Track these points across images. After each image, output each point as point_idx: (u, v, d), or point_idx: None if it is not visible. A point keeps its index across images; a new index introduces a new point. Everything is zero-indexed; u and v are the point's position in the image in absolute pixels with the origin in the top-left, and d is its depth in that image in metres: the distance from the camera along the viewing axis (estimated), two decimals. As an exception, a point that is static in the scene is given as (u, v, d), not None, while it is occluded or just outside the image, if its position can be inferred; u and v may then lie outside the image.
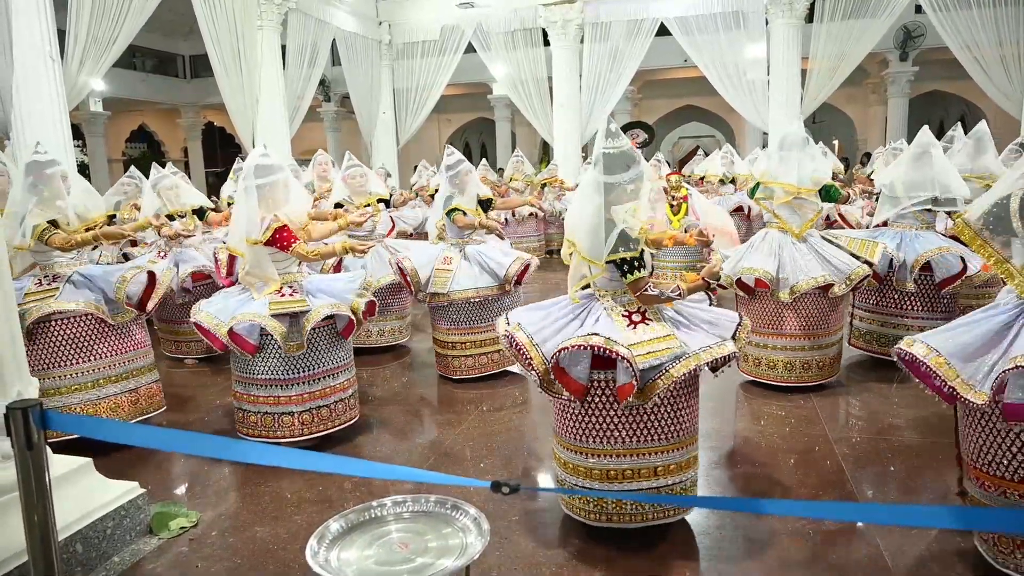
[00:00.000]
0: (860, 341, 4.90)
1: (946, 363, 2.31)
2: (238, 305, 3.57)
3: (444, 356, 4.82)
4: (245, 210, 3.59)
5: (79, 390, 3.74)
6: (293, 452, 2.61)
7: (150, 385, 4.06)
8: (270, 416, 3.64)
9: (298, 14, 11.94)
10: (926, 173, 4.48)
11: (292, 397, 3.61)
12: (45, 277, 3.79)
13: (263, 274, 3.60)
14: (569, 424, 2.71)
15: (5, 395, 2.44)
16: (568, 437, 2.73)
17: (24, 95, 6.62)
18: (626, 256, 2.61)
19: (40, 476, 1.80)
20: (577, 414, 2.67)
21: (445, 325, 4.72)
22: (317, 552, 1.98)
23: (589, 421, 2.64)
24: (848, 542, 2.67)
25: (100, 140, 17.12)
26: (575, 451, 2.71)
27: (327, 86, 17.12)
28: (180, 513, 2.98)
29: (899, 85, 15.86)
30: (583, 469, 2.70)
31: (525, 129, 19.29)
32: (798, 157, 4.23)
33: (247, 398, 3.69)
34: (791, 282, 4.12)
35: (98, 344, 3.80)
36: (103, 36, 8.00)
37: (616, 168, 2.65)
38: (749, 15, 12.41)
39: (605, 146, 2.67)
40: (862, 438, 3.69)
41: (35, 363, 3.65)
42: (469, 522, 2.08)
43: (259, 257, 3.58)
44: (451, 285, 4.59)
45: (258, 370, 3.60)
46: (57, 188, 3.77)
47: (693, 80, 15.61)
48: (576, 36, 13.40)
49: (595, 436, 2.64)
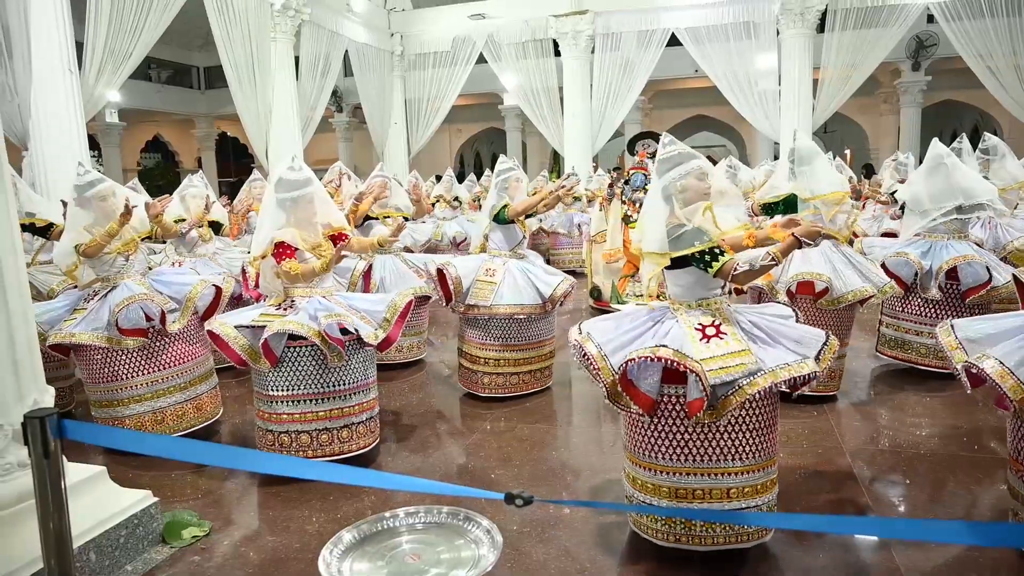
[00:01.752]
0: (887, 348, 4.86)
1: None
2: (237, 314, 3.56)
3: (473, 372, 4.58)
4: (267, 222, 3.53)
5: (135, 402, 3.81)
6: (304, 463, 2.62)
7: (201, 396, 4.06)
8: (287, 435, 3.48)
9: (311, 26, 12.07)
10: (946, 183, 4.46)
11: (283, 416, 3.45)
12: (90, 292, 3.84)
13: (270, 287, 3.60)
14: (638, 439, 2.64)
15: (22, 404, 2.46)
16: (637, 452, 2.66)
17: (42, 106, 6.71)
18: (703, 248, 2.55)
19: (56, 484, 1.82)
20: (646, 429, 2.59)
21: (479, 339, 4.51)
22: (329, 563, 1.98)
23: (659, 436, 2.56)
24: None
25: (115, 150, 17.32)
26: (644, 467, 2.63)
27: (339, 97, 17.26)
28: (192, 522, 2.99)
29: (911, 95, 15.79)
30: (651, 486, 2.61)
31: (536, 139, 19.35)
32: (821, 165, 4.23)
33: (262, 415, 3.57)
34: (837, 292, 4.10)
35: (121, 365, 3.81)
36: (120, 48, 8.12)
37: (670, 165, 2.66)
38: (760, 25, 12.42)
39: (662, 154, 2.70)
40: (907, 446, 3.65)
41: (90, 376, 3.80)
42: (481, 534, 2.08)
43: (266, 271, 3.55)
44: (493, 299, 4.36)
45: (270, 384, 3.49)
46: (99, 209, 3.78)
47: (704, 90, 15.62)
48: (587, 47, 13.45)
49: (665, 452, 2.55)
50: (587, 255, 8.16)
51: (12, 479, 2.43)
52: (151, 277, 4.04)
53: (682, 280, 2.66)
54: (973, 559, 2.58)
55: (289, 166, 3.55)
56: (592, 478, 3.44)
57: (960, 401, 4.16)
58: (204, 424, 4.05)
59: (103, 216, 3.78)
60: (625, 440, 2.76)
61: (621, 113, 13.69)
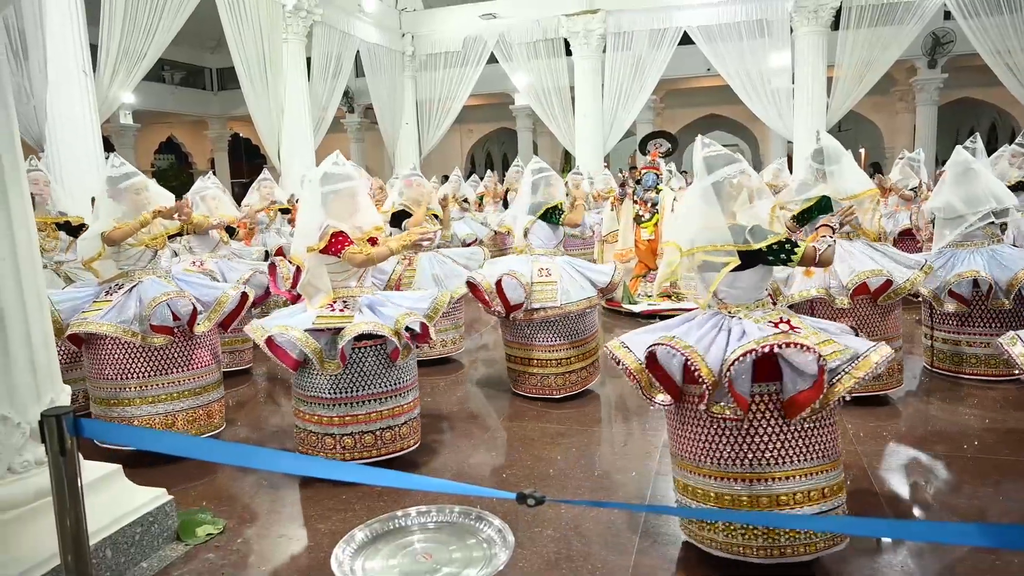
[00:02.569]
0: (945, 363, 4.73)
1: None
2: (288, 318, 3.44)
3: (543, 375, 4.44)
4: (308, 218, 3.46)
5: (129, 404, 3.72)
6: (316, 461, 2.63)
7: (211, 404, 3.97)
8: (314, 435, 3.45)
9: (323, 26, 12.12)
10: (977, 187, 4.44)
11: (333, 419, 3.39)
12: (115, 285, 3.76)
13: (317, 285, 3.46)
14: (692, 443, 2.54)
15: (39, 403, 2.48)
16: (691, 458, 2.56)
17: (58, 108, 6.78)
18: (780, 239, 2.51)
19: (73, 482, 1.83)
20: (704, 432, 2.49)
21: (547, 341, 4.38)
22: (342, 561, 1.98)
23: (717, 440, 2.46)
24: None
25: (130, 152, 17.46)
26: (700, 473, 2.54)
27: (351, 97, 17.32)
28: (206, 520, 3.01)
29: (928, 93, 15.64)
30: (704, 492, 2.52)
31: (547, 139, 19.34)
32: (849, 163, 4.20)
33: (299, 414, 3.52)
34: (897, 283, 4.06)
35: (139, 364, 3.74)
36: (134, 50, 8.19)
37: (721, 163, 2.62)
38: (773, 23, 12.34)
39: (708, 153, 2.65)
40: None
41: (97, 371, 3.74)
42: (493, 533, 2.07)
43: (315, 267, 3.44)
44: (561, 297, 4.29)
45: (305, 386, 3.45)
46: (131, 202, 3.76)
47: (716, 89, 15.54)
48: (598, 46, 13.42)
49: (723, 456, 2.46)
50: (599, 255, 8.15)
51: (30, 476, 2.45)
52: (176, 277, 4.00)
53: (745, 281, 2.58)
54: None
55: (334, 161, 3.51)
56: (606, 478, 3.43)
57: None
58: (214, 432, 3.98)
59: (134, 209, 3.75)
60: (674, 447, 2.67)
61: (633, 113, 13.65)
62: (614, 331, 6.44)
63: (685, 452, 2.58)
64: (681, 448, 2.61)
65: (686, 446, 2.57)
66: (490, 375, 5.22)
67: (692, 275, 2.66)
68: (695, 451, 2.52)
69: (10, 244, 2.41)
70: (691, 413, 2.53)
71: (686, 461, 2.58)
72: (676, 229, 2.73)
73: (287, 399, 5.02)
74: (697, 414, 2.49)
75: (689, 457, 2.56)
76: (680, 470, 2.64)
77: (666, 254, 2.72)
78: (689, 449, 2.55)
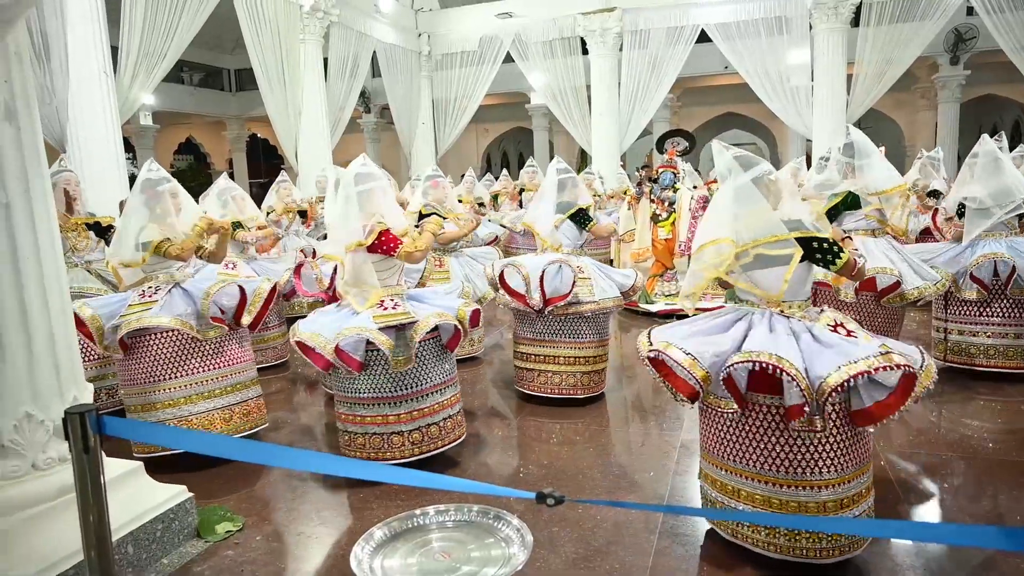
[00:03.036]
0: (959, 356, 4.66)
1: None
2: (340, 321, 3.38)
3: (568, 374, 4.41)
4: (344, 218, 3.44)
5: (171, 405, 3.67)
6: (334, 459, 2.64)
7: (248, 401, 3.94)
8: (378, 436, 3.43)
9: (340, 27, 12.18)
10: (1005, 179, 4.38)
11: (401, 416, 3.41)
12: (149, 288, 3.76)
13: (364, 283, 3.44)
14: (727, 444, 2.56)
15: (62, 400, 2.51)
16: (724, 456, 2.58)
17: (79, 109, 6.86)
18: (826, 237, 2.48)
19: (96, 478, 1.85)
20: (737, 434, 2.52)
21: (580, 338, 4.37)
22: (361, 560, 1.99)
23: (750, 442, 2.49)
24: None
25: (150, 152, 17.65)
26: (731, 471, 2.57)
27: (367, 97, 17.40)
28: (226, 517, 3.03)
29: (950, 90, 15.41)
30: (736, 490, 2.55)
31: (563, 138, 19.31)
32: (878, 159, 4.15)
33: (353, 419, 3.48)
34: (907, 287, 4.03)
35: (189, 360, 3.74)
36: (154, 51, 8.28)
37: (753, 160, 2.59)
38: (792, 20, 12.22)
39: (735, 152, 2.62)
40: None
41: (133, 378, 3.71)
42: (512, 532, 2.07)
43: (360, 265, 3.43)
44: (597, 293, 4.31)
45: (363, 389, 3.41)
46: (167, 206, 3.79)
47: (734, 87, 15.44)
48: (615, 44, 13.37)
49: (755, 459, 2.47)
50: (615, 254, 8.12)
51: (53, 473, 2.48)
52: (181, 284, 3.93)
53: (794, 277, 2.53)
54: None
55: (362, 163, 3.54)
56: (624, 477, 3.41)
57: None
58: (252, 431, 3.94)
59: (165, 213, 3.77)
60: (715, 445, 2.66)
61: (649, 111, 13.59)
62: (630, 331, 6.42)
63: (733, 455, 2.55)
64: (729, 451, 2.57)
65: (738, 450, 2.53)
66: (506, 375, 5.21)
67: (736, 273, 2.60)
68: (745, 455, 2.51)
69: (33, 244, 2.45)
70: (753, 418, 2.48)
71: (736, 464, 2.55)
72: (717, 227, 2.61)
73: (308, 395, 5.06)
74: (756, 420, 2.46)
75: (738, 460, 2.53)
76: (719, 470, 2.63)
77: (710, 253, 2.59)
78: (739, 453, 2.53)
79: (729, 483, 2.58)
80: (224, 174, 6.53)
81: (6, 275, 2.38)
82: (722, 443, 2.59)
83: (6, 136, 2.33)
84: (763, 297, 2.57)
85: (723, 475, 2.61)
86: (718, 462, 2.63)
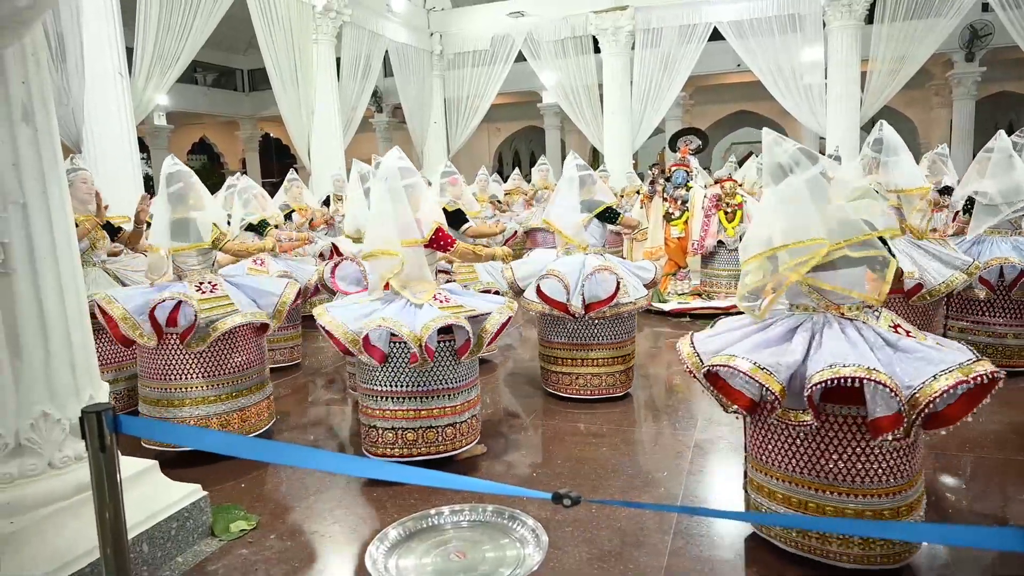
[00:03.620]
0: None
1: None
2: (405, 314, 3.31)
3: (624, 371, 4.46)
4: (394, 212, 3.38)
5: (203, 403, 3.71)
6: (349, 459, 2.64)
7: (262, 402, 3.98)
8: (391, 432, 3.41)
9: (352, 27, 12.21)
10: (1017, 177, 4.36)
11: (445, 408, 3.42)
12: (204, 283, 3.76)
13: (424, 279, 3.43)
14: (773, 451, 2.50)
15: (78, 399, 2.53)
16: (770, 463, 2.53)
17: (94, 110, 6.92)
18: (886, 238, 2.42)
19: (112, 477, 1.86)
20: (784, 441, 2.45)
21: (616, 338, 4.38)
22: (376, 559, 1.98)
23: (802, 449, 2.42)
24: None
25: (164, 152, 17.77)
26: (777, 477, 2.52)
27: (379, 97, 17.44)
28: (240, 516, 3.04)
29: (965, 87, 15.25)
30: (783, 496, 2.50)
31: (575, 137, 19.26)
32: (906, 157, 4.11)
33: (367, 412, 3.47)
34: (929, 285, 3.98)
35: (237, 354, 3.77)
36: (168, 52, 8.34)
37: (814, 154, 2.50)
38: (806, 17, 12.13)
39: (797, 146, 2.52)
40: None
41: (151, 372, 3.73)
42: (527, 533, 2.06)
43: (418, 260, 3.41)
44: (632, 293, 4.32)
45: (377, 380, 3.41)
46: (198, 197, 3.83)
47: (747, 85, 15.35)
48: (627, 43, 13.33)
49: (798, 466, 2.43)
50: (628, 253, 8.09)
51: (70, 472, 2.50)
52: (228, 278, 4.00)
53: (846, 275, 2.46)
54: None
55: (399, 156, 3.51)
56: (638, 477, 3.40)
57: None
58: (263, 429, 3.97)
59: (187, 208, 3.80)
60: (744, 438, 2.65)
61: (662, 110, 13.54)
62: (644, 329, 6.39)
63: (780, 462, 2.50)
64: (777, 458, 2.51)
65: (787, 457, 2.48)
66: (520, 375, 5.20)
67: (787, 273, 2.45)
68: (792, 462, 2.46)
69: (50, 244, 2.46)
70: (829, 430, 2.40)
71: (781, 471, 2.50)
72: (803, 225, 2.42)
73: (328, 393, 5.07)
74: (832, 431, 2.38)
75: (786, 467, 2.48)
76: (768, 477, 2.56)
77: (799, 253, 2.41)
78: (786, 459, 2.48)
79: (794, 496, 2.47)
80: (237, 173, 6.56)
81: (23, 275, 2.39)
82: (785, 455, 2.49)
83: (24, 137, 2.34)
84: (860, 298, 2.44)
85: (782, 485, 2.52)
86: (781, 474, 2.52)
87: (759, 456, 2.60)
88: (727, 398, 2.47)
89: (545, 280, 4.29)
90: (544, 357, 4.59)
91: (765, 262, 2.53)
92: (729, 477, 3.35)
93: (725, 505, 3.10)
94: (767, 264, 2.54)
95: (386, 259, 3.38)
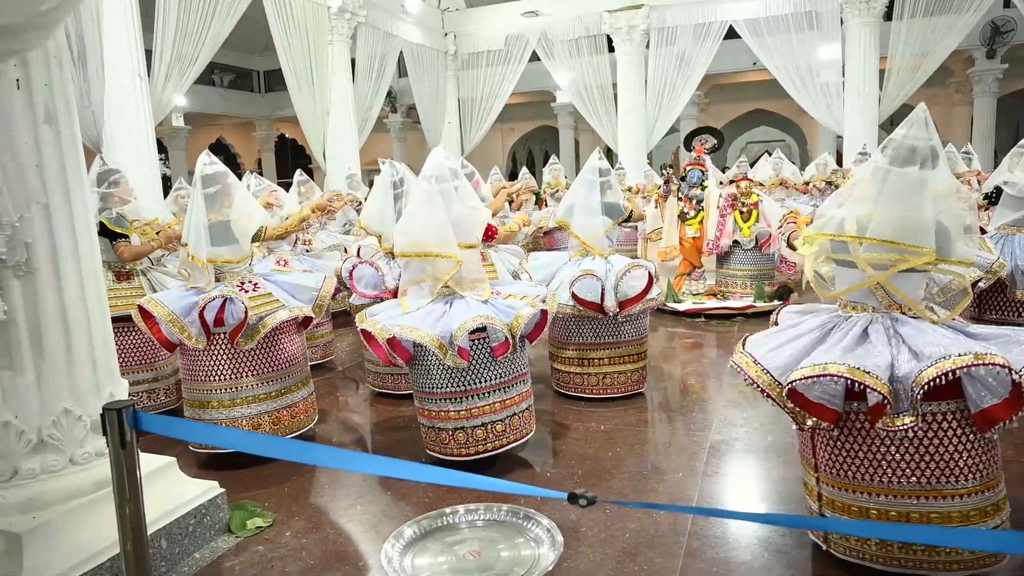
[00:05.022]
0: None
1: None
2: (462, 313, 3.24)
3: (618, 373, 4.44)
4: (449, 214, 3.30)
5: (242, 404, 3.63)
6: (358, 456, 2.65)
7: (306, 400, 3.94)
8: (462, 432, 3.35)
9: (367, 28, 12.27)
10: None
11: (495, 405, 3.38)
12: (245, 282, 3.70)
13: (481, 279, 3.41)
14: (839, 457, 2.37)
15: (99, 396, 2.56)
16: (834, 471, 2.40)
17: (114, 112, 7.00)
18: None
19: (132, 473, 1.88)
20: (852, 446, 2.33)
21: (640, 334, 4.46)
22: (391, 558, 2.00)
23: (870, 454, 2.31)
24: None
25: (181, 153, 17.97)
26: (842, 487, 2.39)
27: (394, 97, 17.51)
28: (256, 513, 3.06)
29: (986, 84, 15.04)
30: (848, 506, 2.38)
31: (588, 136, 19.23)
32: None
33: (428, 415, 3.43)
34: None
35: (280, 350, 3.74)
36: (186, 54, 8.44)
37: (914, 159, 2.34)
38: (823, 14, 12.03)
39: (918, 135, 2.39)
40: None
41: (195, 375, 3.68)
42: (542, 532, 2.06)
43: (474, 259, 3.38)
44: (655, 292, 4.40)
45: (434, 383, 3.35)
46: (231, 196, 3.73)
47: (762, 83, 15.24)
48: (641, 41, 13.28)
49: (871, 472, 2.31)
50: (642, 253, 8.06)
51: (91, 467, 2.53)
52: (266, 276, 3.95)
53: (917, 279, 2.38)
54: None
55: (446, 155, 3.45)
56: (652, 478, 3.39)
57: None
58: (301, 431, 3.89)
59: (220, 208, 3.69)
60: (813, 457, 2.50)
61: (676, 109, 13.48)
62: (658, 329, 6.36)
63: (848, 470, 2.37)
64: (844, 466, 2.38)
65: (853, 464, 2.35)
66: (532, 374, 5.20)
67: (879, 271, 2.31)
68: (862, 468, 2.33)
69: (72, 243, 2.50)
70: (933, 428, 2.26)
71: (846, 480, 2.37)
72: (904, 225, 2.27)
73: (349, 392, 5.10)
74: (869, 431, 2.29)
75: (854, 476, 2.35)
76: (832, 487, 2.43)
77: (901, 262, 2.29)
78: (854, 467, 2.35)
79: (892, 509, 2.31)
80: (253, 173, 6.60)
81: (46, 274, 2.43)
82: (873, 464, 2.32)
83: (46, 139, 2.38)
84: (906, 302, 2.35)
85: (862, 499, 2.36)
86: (868, 487, 2.35)
87: (844, 473, 2.40)
88: (810, 413, 2.31)
89: (581, 280, 4.24)
90: (555, 357, 4.59)
91: (838, 243, 2.38)
92: (745, 478, 3.33)
93: (740, 507, 3.09)
94: (839, 245, 2.39)
95: (443, 262, 3.30)
